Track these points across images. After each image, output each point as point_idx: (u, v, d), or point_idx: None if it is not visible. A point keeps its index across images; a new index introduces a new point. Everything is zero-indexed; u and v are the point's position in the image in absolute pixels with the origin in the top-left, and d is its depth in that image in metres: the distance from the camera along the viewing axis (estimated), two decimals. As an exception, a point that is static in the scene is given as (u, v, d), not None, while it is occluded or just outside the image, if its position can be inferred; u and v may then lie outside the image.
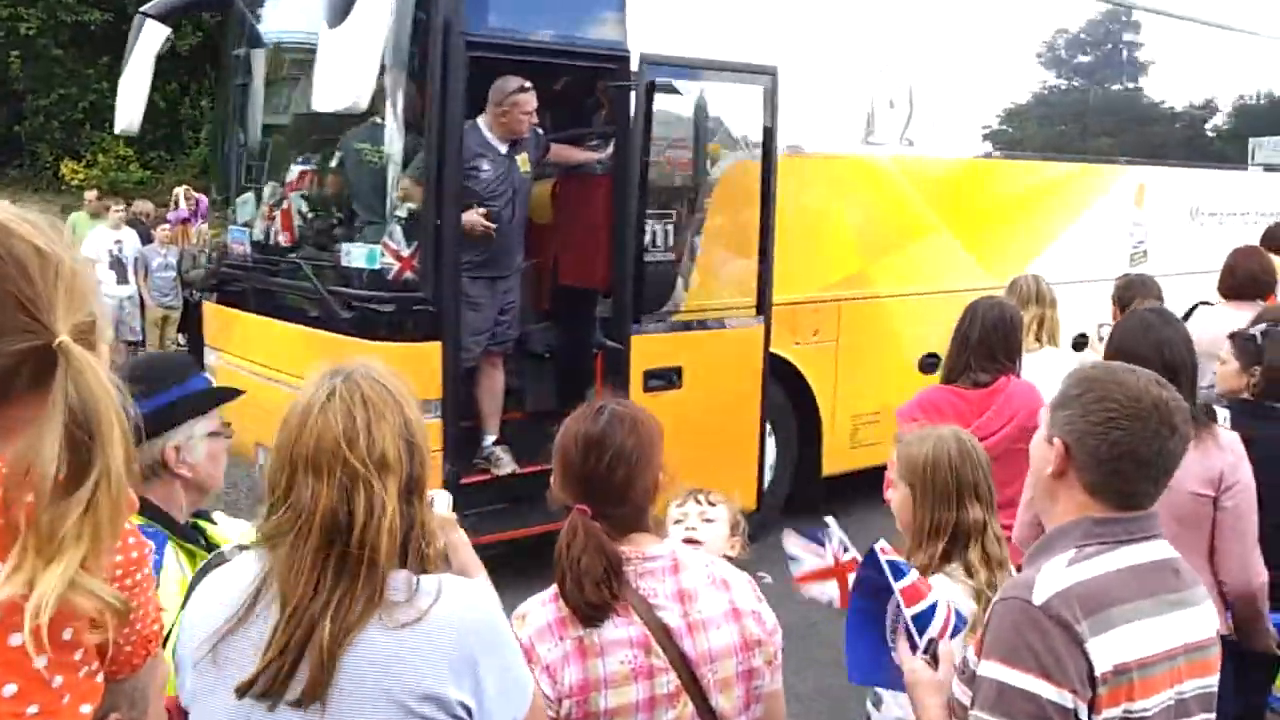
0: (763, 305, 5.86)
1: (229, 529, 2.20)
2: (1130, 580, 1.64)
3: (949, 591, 2.17)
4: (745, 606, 1.96)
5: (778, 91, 5.78)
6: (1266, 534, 2.81)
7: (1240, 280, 5.12)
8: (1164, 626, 1.64)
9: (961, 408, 3.37)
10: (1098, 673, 1.56)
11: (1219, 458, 2.78)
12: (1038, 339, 4.35)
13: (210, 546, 2.06)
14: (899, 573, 1.92)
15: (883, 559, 1.92)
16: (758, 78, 5.77)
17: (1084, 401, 1.69)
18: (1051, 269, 7.74)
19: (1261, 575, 2.80)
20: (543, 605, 1.92)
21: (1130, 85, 9.07)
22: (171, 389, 2.04)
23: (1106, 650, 1.57)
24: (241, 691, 1.44)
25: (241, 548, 1.71)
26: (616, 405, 2.00)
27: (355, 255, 5.21)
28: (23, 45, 16.70)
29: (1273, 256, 8.75)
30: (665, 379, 5.52)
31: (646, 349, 5.47)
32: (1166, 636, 1.64)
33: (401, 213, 5.10)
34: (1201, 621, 1.72)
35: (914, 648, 1.88)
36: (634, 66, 5.32)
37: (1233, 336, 3.60)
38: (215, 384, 2.45)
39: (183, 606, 1.70)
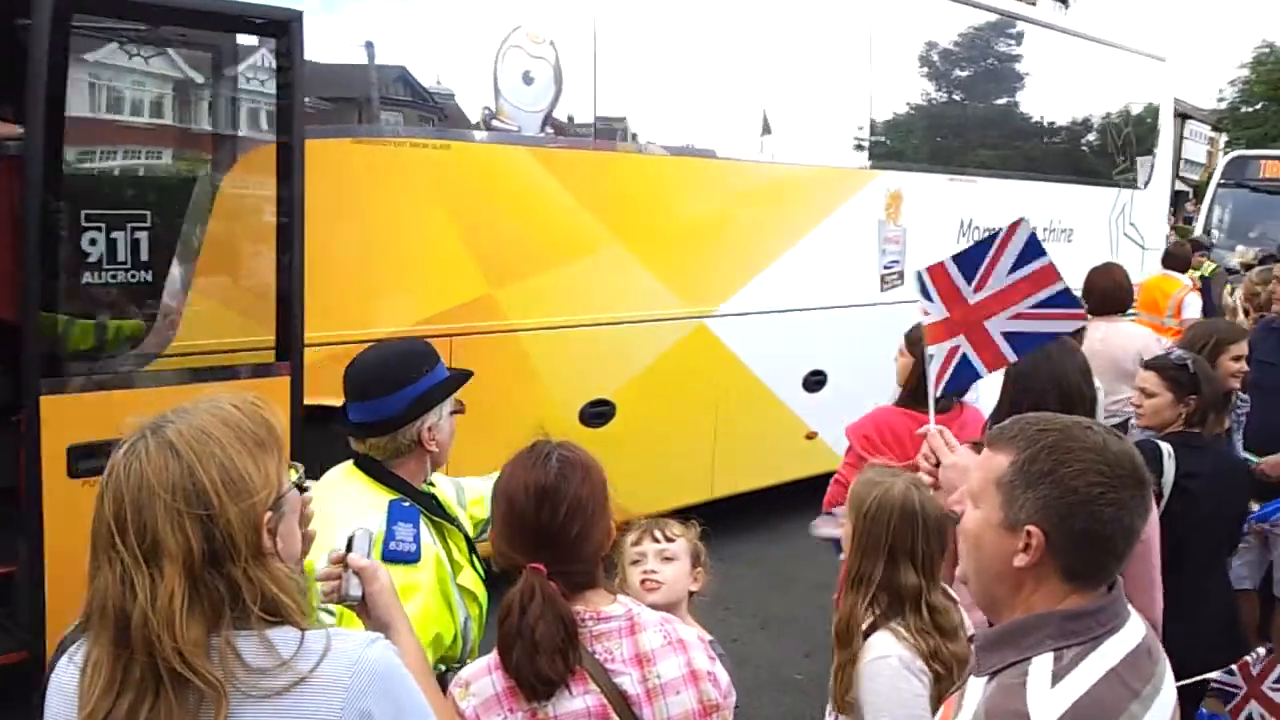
0: (289, 345, 4.12)
1: (447, 488, 2.55)
2: (1118, 685, 1.47)
3: (894, 648, 2.24)
4: (702, 668, 1.85)
5: (298, 47, 4.07)
6: (1206, 564, 3.01)
7: (1100, 298, 5.27)
8: None
9: (915, 430, 3.05)
10: None
11: None
12: None
13: (444, 512, 2.41)
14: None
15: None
16: (267, 26, 4.07)
17: (1060, 478, 1.49)
18: (769, 294, 6.43)
19: (1160, 604, 2.52)
20: (489, 673, 1.78)
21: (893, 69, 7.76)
22: (426, 377, 2.36)
23: None
24: None
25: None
26: (563, 449, 1.88)
27: None
28: None
29: (1173, 275, 8.73)
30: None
31: (75, 414, 3.69)
32: None
33: None
34: (1170, 695, 1.53)
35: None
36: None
37: (1157, 368, 3.53)
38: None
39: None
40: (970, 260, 2.55)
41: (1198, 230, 16.92)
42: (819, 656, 4.53)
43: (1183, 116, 54.85)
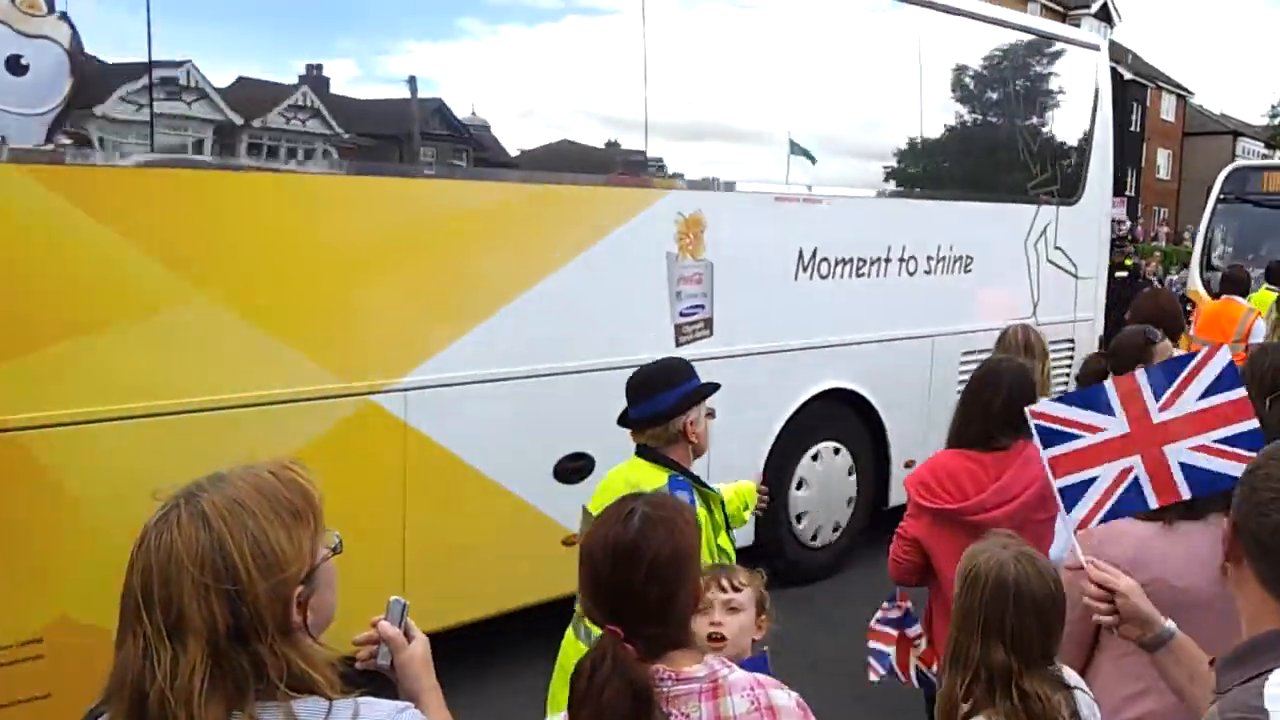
0: None
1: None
2: None
3: None
4: None
5: None
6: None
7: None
8: None
9: (977, 472, 3.19)
10: None
11: None
12: None
13: (708, 486, 3.10)
14: (1050, 439, 2.40)
15: (1033, 422, 2.43)
16: None
17: (1250, 481, 1.56)
18: (490, 355, 4.69)
19: None
20: None
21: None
22: (688, 381, 3.11)
23: None
24: None
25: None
26: (650, 505, 1.84)
27: None
28: None
29: (1236, 299, 8.58)
30: None
31: None
32: None
33: None
34: None
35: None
36: None
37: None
38: None
39: None
40: (1161, 377, 2.42)
41: (1196, 249, 15.19)
42: (872, 700, 4.63)
43: (1234, 134, 52.51)
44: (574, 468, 5.14)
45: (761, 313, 5.92)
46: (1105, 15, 39.04)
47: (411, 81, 4.64)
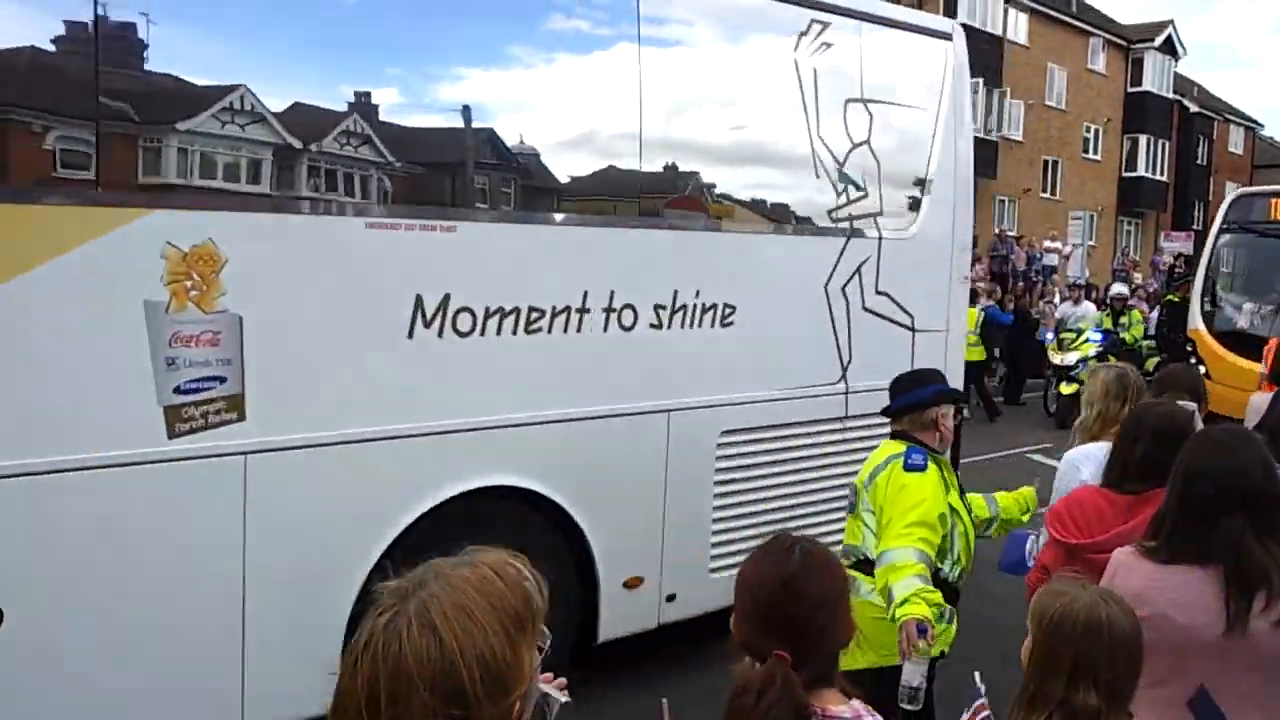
0: None
1: None
2: None
3: None
4: None
5: None
6: None
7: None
8: None
9: (1107, 512, 3.15)
10: None
11: None
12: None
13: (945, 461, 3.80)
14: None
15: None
16: None
17: None
18: None
19: None
20: None
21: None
22: (939, 384, 3.88)
23: None
24: None
25: None
26: (805, 543, 2.00)
27: None
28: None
29: None
30: None
31: None
32: None
33: None
34: None
35: None
36: None
37: None
38: None
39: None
40: None
41: (1196, 283, 13.35)
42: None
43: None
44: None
45: (345, 386, 4.15)
46: (1170, 48, 36.91)
47: None
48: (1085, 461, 3.71)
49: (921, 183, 6.34)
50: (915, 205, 6.32)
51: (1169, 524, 2.54)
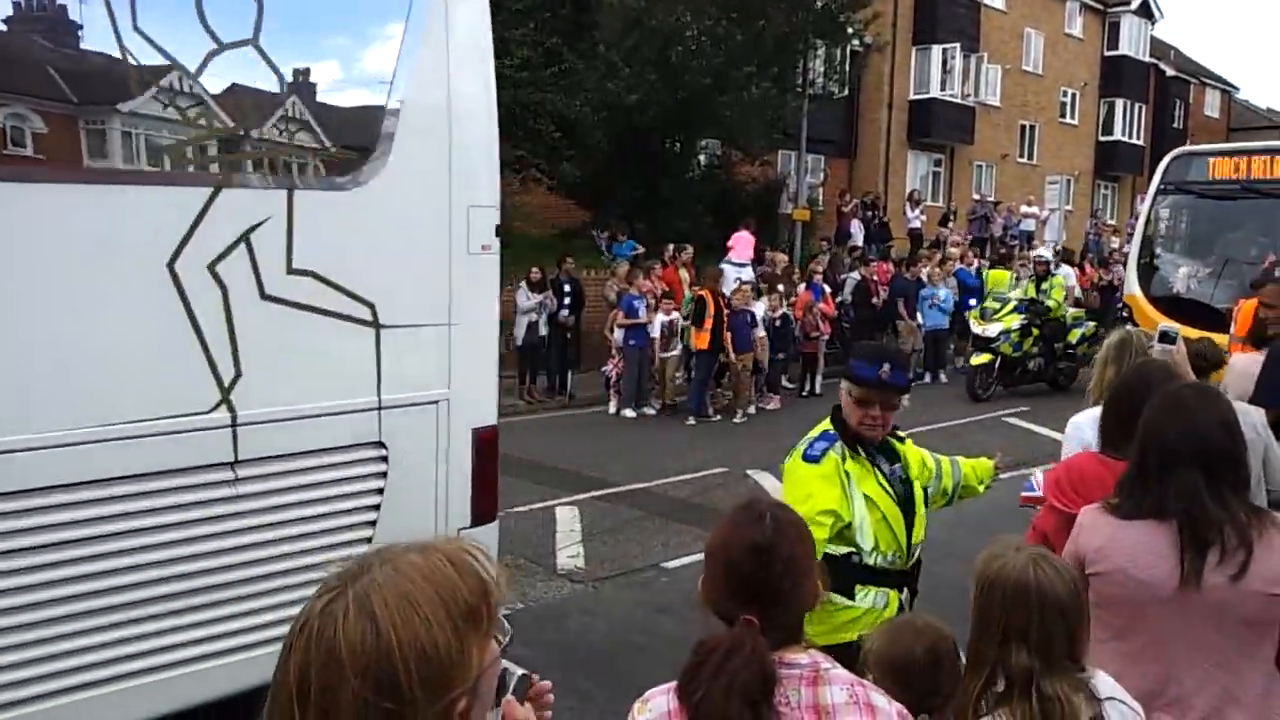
0: None
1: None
2: None
3: None
4: None
5: None
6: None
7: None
8: None
9: (1107, 479, 2.95)
10: None
11: None
12: None
13: (872, 449, 3.44)
14: None
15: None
16: None
17: None
18: None
19: None
20: (666, 694, 1.91)
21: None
22: (885, 363, 3.35)
23: None
24: None
25: None
26: (776, 508, 2.03)
27: None
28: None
29: None
30: None
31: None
32: None
33: None
34: None
35: None
36: None
37: None
38: None
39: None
40: None
41: (1133, 248, 13.39)
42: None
43: None
44: None
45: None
46: (1146, 11, 36.82)
47: None
48: (1090, 425, 3.67)
49: (379, 113, 3.72)
50: (371, 145, 3.72)
51: (1129, 481, 2.61)
